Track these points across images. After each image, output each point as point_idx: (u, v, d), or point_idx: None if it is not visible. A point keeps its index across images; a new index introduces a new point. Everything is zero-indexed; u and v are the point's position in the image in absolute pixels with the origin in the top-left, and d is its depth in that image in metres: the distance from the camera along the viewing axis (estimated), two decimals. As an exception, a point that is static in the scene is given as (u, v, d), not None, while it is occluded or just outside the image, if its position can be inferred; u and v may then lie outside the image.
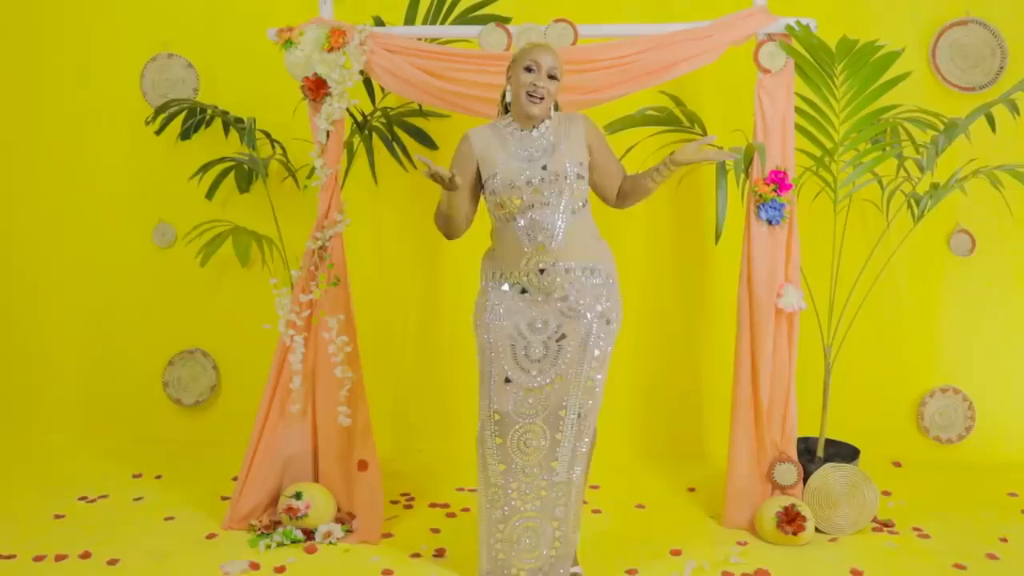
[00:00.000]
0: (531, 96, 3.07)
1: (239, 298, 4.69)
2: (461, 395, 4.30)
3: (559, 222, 3.05)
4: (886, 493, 3.95)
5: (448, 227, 3.21)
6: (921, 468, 4.30)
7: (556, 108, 3.20)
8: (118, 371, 4.82)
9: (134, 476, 4.26)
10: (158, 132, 4.36)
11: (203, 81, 4.60)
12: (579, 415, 3.09)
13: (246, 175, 4.37)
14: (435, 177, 2.96)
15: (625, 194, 3.23)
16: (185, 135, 4.38)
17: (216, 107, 4.33)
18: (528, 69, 3.08)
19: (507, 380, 3.10)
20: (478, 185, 3.18)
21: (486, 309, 3.15)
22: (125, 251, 4.78)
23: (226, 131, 4.44)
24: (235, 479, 3.98)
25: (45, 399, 4.87)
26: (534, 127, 3.13)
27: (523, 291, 3.12)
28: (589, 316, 3.08)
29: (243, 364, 4.69)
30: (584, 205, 3.13)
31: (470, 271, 3.38)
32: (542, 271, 3.06)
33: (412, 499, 3.97)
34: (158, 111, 4.28)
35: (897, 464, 4.33)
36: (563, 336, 3.08)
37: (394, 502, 3.91)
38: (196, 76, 4.59)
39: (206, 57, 4.60)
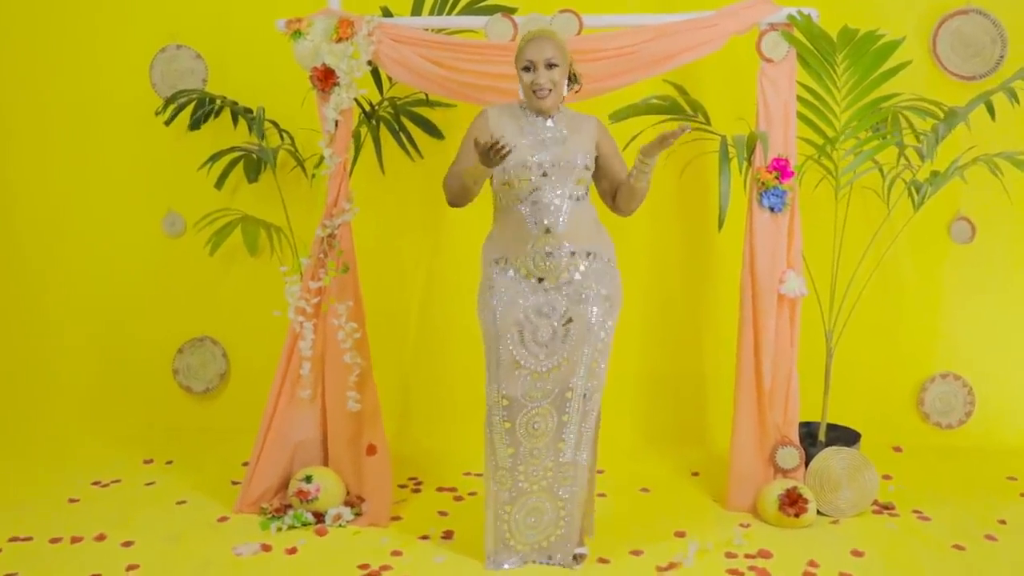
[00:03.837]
0: (536, 94, 3.14)
1: (248, 286, 4.71)
2: (466, 381, 4.30)
3: (564, 206, 3.12)
4: (887, 477, 3.98)
5: (462, 196, 3.21)
6: (921, 453, 4.32)
7: (575, 80, 3.23)
8: (128, 359, 4.86)
9: (145, 462, 4.29)
10: (168, 123, 4.37)
11: (212, 72, 4.61)
12: (584, 396, 3.16)
13: (255, 165, 4.38)
14: (491, 150, 2.90)
15: (617, 197, 3.24)
16: (194, 125, 4.37)
17: (225, 97, 4.35)
18: (526, 69, 3.14)
19: (518, 365, 3.13)
20: None
21: (492, 295, 3.20)
22: (135, 240, 4.81)
23: (235, 121, 4.45)
24: (245, 464, 4.00)
25: (57, 386, 4.89)
26: (548, 116, 3.20)
27: (528, 277, 3.17)
28: (595, 299, 3.15)
29: (252, 352, 4.72)
30: (586, 194, 3.20)
31: (474, 258, 3.41)
32: (548, 254, 3.12)
33: (420, 483, 4.01)
34: (168, 102, 4.32)
35: (898, 449, 4.36)
36: (570, 320, 3.14)
37: (402, 486, 3.96)
38: (205, 67, 4.61)
39: (214, 48, 4.60)
